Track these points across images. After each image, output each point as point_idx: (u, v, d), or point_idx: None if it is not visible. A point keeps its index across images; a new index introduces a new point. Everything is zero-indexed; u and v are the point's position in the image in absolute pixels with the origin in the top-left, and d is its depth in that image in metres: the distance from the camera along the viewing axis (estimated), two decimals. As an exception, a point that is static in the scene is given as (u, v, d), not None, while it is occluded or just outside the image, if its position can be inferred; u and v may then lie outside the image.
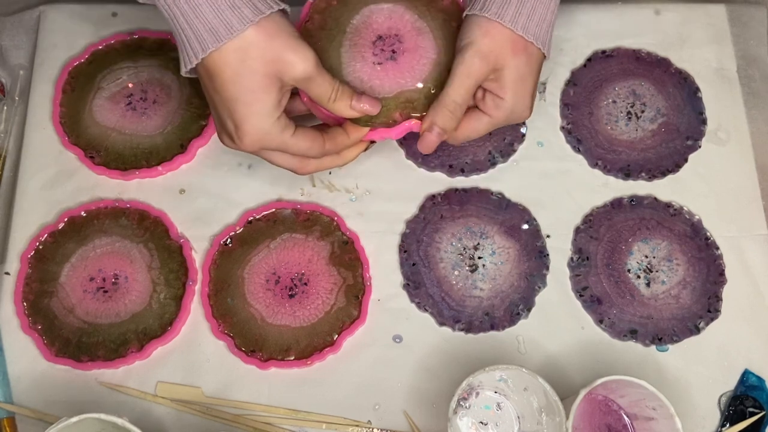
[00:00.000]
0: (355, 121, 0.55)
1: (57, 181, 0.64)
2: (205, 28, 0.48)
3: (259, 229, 0.62)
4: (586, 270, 0.62)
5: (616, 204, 0.64)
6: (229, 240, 0.62)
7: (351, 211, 0.63)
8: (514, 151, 0.66)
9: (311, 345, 0.58)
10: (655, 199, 0.64)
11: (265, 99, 0.50)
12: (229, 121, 0.51)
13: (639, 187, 0.65)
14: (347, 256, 0.61)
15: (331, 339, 0.58)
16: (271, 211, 0.63)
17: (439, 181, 0.65)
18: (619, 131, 0.67)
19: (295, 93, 0.55)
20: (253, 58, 0.49)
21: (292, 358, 0.58)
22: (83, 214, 0.62)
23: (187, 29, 0.48)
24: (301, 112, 0.57)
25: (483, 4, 0.53)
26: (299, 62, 0.49)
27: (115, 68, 0.67)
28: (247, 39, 0.48)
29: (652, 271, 0.61)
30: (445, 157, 0.65)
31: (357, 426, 0.57)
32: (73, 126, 0.65)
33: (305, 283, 0.60)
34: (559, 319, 0.60)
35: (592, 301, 0.61)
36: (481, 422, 0.55)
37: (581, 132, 0.67)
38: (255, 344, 0.58)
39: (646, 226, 0.63)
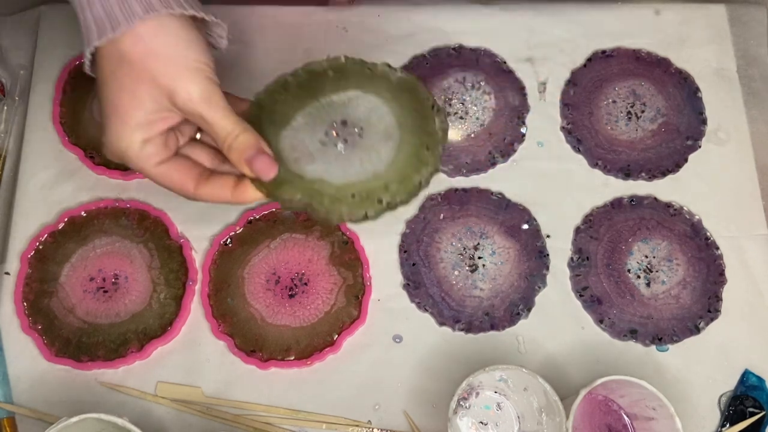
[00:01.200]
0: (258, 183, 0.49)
1: (57, 181, 0.64)
2: (93, 19, 0.43)
3: (259, 229, 0.62)
4: (586, 270, 0.62)
5: (616, 204, 0.64)
6: (229, 240, 0.62)
7: (351, 211, 0.63)
8: (514, 151, 0.66)
9: (311, 345, 0.58)
10: (655, 199, 0.64)
11: (130, 114, 0.44)
12: (101, 111, 0.46)
13: (639, 187, 0.65)
14: (347, 256, 0.61)
15: (331, 339, 0.58)
16: (271, 210, 0.63)
17: (439, 181, 0.65)
18: (619, 131, 0.67)
19: None
20: (128, 63, 0.43)
21: (292, 358, 0.58)
22: (83, 214, 0.62)
23: (82, 19, 0.44)
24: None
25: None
26: (193, 87, 0.44)
27: (115, 68, 0.67)
28: (128, 41, 0.43)
29: (652, 271, 0.61)
30: (445, 157, 0.65)
31: (357, 426, 0.57)
32: (73, 126, 0.65)
33: (305, 283, 0.60)
34: (559, 319, 0.60)
35: (592, 301, 0.61)
36: (481, 422, 0.55)
37: (581, 132, 0.67)
38: (255, 344, 0.58)
39: (646, 226, 0.63)
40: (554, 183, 0.65)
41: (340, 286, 0.60)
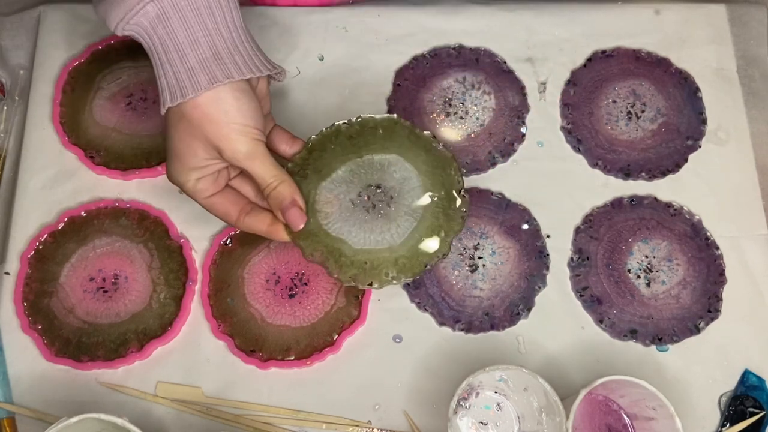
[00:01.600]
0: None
1: (57, 181, 0.64)
2: (167, 84, 0.51)
3: (259, 229, 0.62)
4: (586, 270, 0.62)
5: (616, 204, 0.64)
6: (229, 240, 0.62)
7: (351, 211, 0.63)
8: (514, 151, 0.66)
9: (311, 345, 0.58)
10: (655, 199, 0.64)
11: (191, 158, 0.52)
12: (167, 144, 0.53)
13: (639, 187, 0.65)
14: None
15: (331, 339, 0.58)
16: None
17: (439, 181, 0.65)
18: (619, 131, 0.67)
19: None
20: (188, 122, 0.51)
21: (292, 358, 0.58)
22: (83, 214, 0.62)
23: (163, 77, 0.51)
24: None
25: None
26: (240, 145, 0.51)
27: (115, 68, 0.67)
28: (189, 105, 0.51)
29: (652, 271, 0.61)
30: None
31: (357, 426, 0.57)
32: (73, 126, 0.65)
33: (305, 283, 0.60)
34: (559, 319, 0.60)
35: (592, 301, 0.61)
36: (481, 422, 0.55)
37: (581, 132, 0.67)
38: (255, 344, 0.58)
39: (646, 226, 0.63)
40: (554, 183, 0.65)
41: (340, 286, 0.60)
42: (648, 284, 0.61)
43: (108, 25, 0.51)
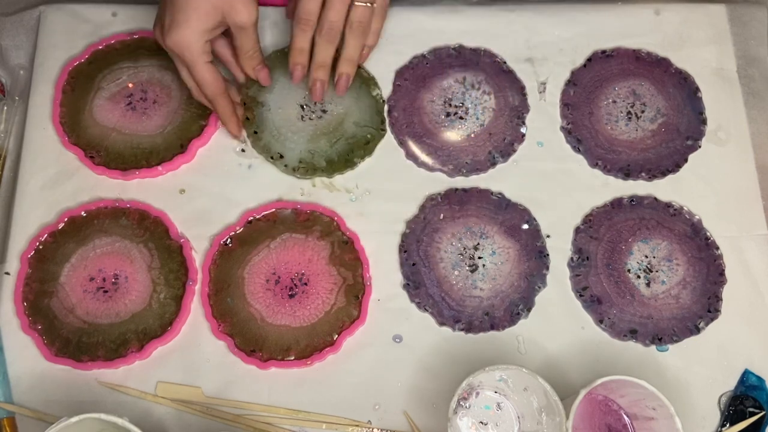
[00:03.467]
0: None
1: (57, 181, 0.64)
2: None
3: (259, 229, 0.62)
4: (586, 270, 0.62)
5: (616, 204, 0.64)
6: (229, 240, 0.62)
7: (351, 211, 0.63)
8: (515, 151, 0.66)
9: (311, 345, 0.58)
10: (655, 199, 0.64)
11: (203, 20, 0.57)
12: (167, 17, 0.58)
13: (639, 187, 0.65)
14: (347, 256, 0.61)
15: (331, 339, 0.58)
16: (271, 211, 0.63)
17: (439, 181, 0.65)
18: (619, 131, 0.67)
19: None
20: None
21: (292, 358, 0.58)
22: (83, 214, 0.62)
23: None
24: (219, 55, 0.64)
25: None
26: (245, 12, 0.58)
27: (115, 68, 0.67)
28: None
29: (652, 271, 0.61)
30: (445, 157, 0.65)
31: (357, 426, 0.57)
32: (73, 126, 0.65)
33: (305, 283, 0.60)
34: (559, 319, 0.60)
35: (592, 301, 0.61)
36: (481, 422, 0.55)
37: (581, 132, 0.67)
38: (255, 344, 0.58)
39: (646, 226, 0.63)
40: (554, 183, 0.65)
41: (340, 286, 0.60)
42: (648, 284, 0.61)
43: None
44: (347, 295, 0.60)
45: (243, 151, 0.65)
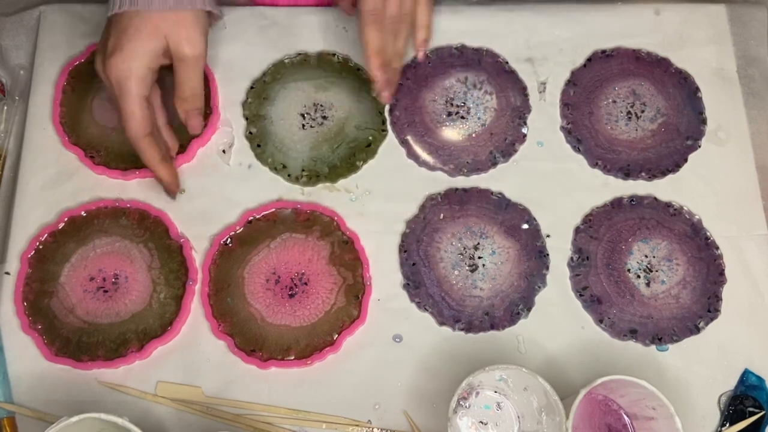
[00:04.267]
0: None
1: (57, 181, 0.64)
2: None
3: (259, 228, 0.62)
4: (586, 270, 0.62)
5: (616, 204, 0.64)
6: (229, 240, 0.62)
7: (351, 211, 0.63)
8: (516, 151, 0.66)
9: (311, 345, 0.58)
10: (655, 198, 0.64)
11: (145, 42, 0.56)
12: (110, 43, 0.56)
13: (639, 187, 0.65)
14: (347, 255, 0.61)
15: (331, 339, 0.58)
16: (271, 210, 0.63)
17: (439, 181, 0.65)
18: (619, 131, 0.67)
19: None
20: (155, 18, 0.56)
21: (292, 357, 0.58)
22: (83, 214, 0.62)
23: None
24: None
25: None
26: (188, 44, 0.57)
27: (115, 68, 0.67)
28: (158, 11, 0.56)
29: (652, 271, 0.61)
30: (446, 157, 0.65)
31: (357, 426, 0.57)
32: (73, 126, 0.65)
33: (305, 283, 0.60)
34: (559, 319, 0.60)
35: (592, 301, 0.61)
36: (481, 422, 0.55)
37: (581, 132, 0.67)
38: (255, 344, 0.58)
39: (646, 225, 0.63)
40: (554, 183, 0.65)
41: (340, 285, 0.60)
42: (648, 284, 0.61)
43: None
44: (347, 294, 0.60)
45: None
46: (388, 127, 0.66)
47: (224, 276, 0.60)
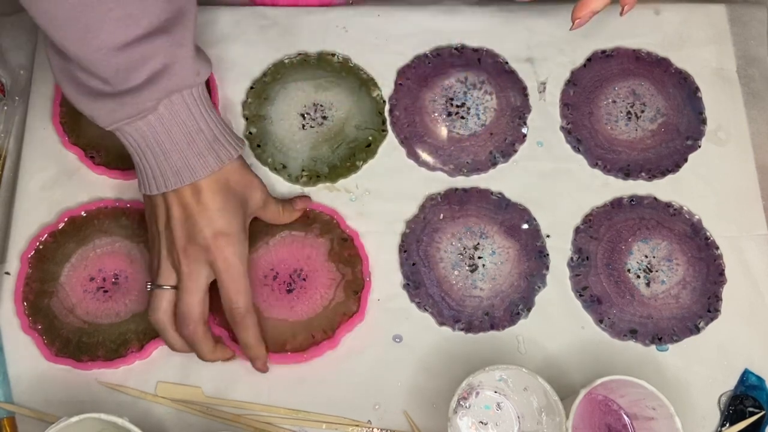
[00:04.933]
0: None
1: (57, 181, 0.64)
2: (172, 170, 0.53)
3: (258, 226, 0.62)
4: (586, 270, 0.62)
5: (616, 204, 0.64)
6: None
7: (351, 210, 0.63)
8: (516, 151, 0.66)
9: (308, 339, 0.58)
10: (655, 199, 0.64)
11: (242, 224, 0.56)
12: (207, 229, 0.53)
13: (639, 187, 0.65)
14: (347, 252, 0.61)
15: (329, 333, 0.58)
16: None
17: (439, 181, 0.65)
18: (619, 131, 0.67)
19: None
20: (233, 190, 0.55)
21: (288, 352, 0.58)
22: (83, 214, 0.62)
23: (154, 167, 0.53)
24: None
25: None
26: (257, 192, 0.57)
27: (115, 68, 0.67)
28: (236, 167, 0.56)
29: (652, 271, 0.61)
30: (446, 157, 0.65)
31: (357, 426, 0.57)
32: (73, 126, 0.65)
33: (304, 279, 0.60)
34: (559, 319, 0.60)
35: (592, 301, 0.61)
36: (481, 422, 0.55)
37: (581, 132, 0.67)
38: None
39: (645, 226, 0.63)
40: (554, 183, 0.65)
41: (339, 281, 0.60)
42: (648, 284, 0.61)
43: (98, 122, 0.52)
44: (346, 290, 0.60)
45: None
46: (388, 127, 0.66)
47: None
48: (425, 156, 0.65)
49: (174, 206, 0.54)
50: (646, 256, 0.62)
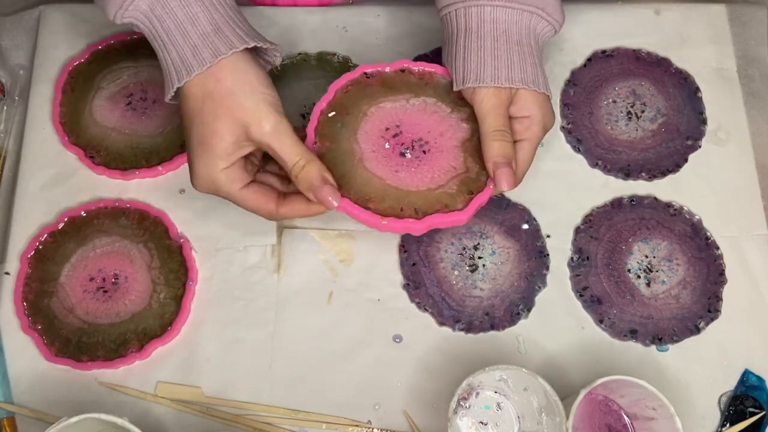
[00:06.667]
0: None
1: (57, 181, 0.64)
2: (180, 59, 0.50)
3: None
4: (586, 270, 0.62)
5: (616, 204, 0.64)
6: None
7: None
8: (515, 151, 0.66)
9: (424, 207, 0.54)
10: (655, 199, 0.64)
11: (214, 145, 0.51)
12: (188, 159, 0.53)
13: (639, 187, 0.65)
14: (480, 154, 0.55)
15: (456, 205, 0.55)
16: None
17: (439, 181, 0.65)
18: (619, 131, 0.67)
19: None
20: (211, 101, 0.50)
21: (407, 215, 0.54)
22: (83, 214, 0.62)
23: (167, 58, 0.51)
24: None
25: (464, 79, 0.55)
26: (258, 123, 0.51)
27: (115, 68, 0.67)
28: (211, 81, 0.50)
29: (652, 271, 0.61)
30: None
31: (357, 426, 0.57)
32: (73, 126, 0.65)
33: (425, 152, 0.57)
34: (559, 319, 0.60)
35: (592, 301, 0.61)
36: (481, 422, 0.55)
37: (581, 132, 0.67)
38: (367, 198, 0.54)
39: (646, 226, 0.63)
40: (554, 183, 0.65)
41: (459, 173, 0.56)
42: (648, 284, 0.61)
43: (107, 15, 0.52)
44: (460, 185, 0.56)
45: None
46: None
47: None
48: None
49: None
50: (647, 256, 0.62)
